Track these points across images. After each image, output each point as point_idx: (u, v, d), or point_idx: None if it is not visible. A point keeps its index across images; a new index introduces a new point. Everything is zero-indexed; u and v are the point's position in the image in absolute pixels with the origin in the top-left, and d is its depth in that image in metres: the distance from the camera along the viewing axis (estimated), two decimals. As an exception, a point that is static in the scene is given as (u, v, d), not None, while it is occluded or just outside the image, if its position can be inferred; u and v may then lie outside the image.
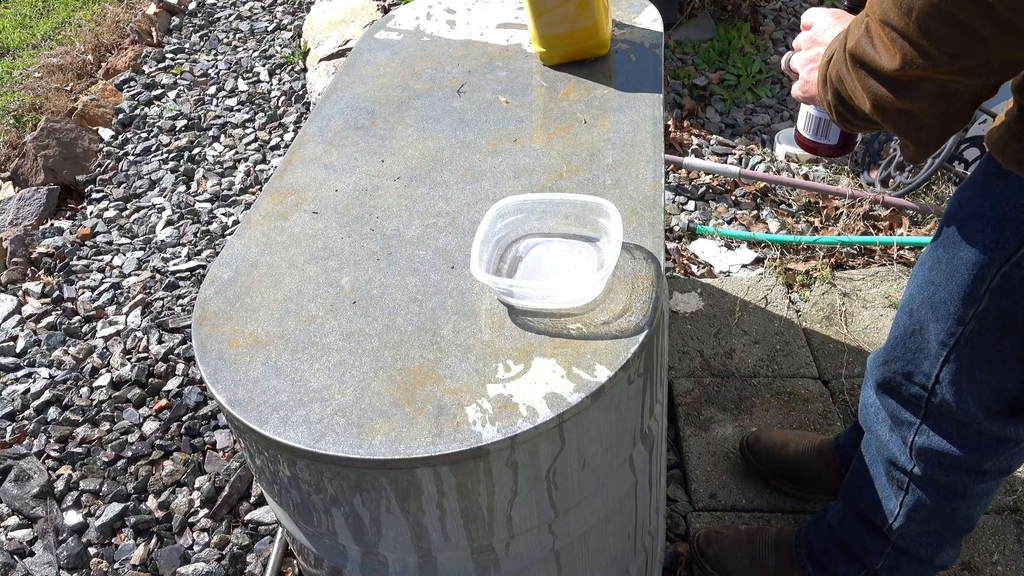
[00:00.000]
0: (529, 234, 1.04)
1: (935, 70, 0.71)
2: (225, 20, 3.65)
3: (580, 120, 1.25)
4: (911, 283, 1.04)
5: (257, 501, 1.66)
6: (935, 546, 1.17)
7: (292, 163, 1.24)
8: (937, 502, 1.10)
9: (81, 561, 1.57)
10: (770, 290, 2.05)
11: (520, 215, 1.03)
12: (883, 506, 1.17)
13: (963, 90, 0.73)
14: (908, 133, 0.79)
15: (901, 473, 1.12)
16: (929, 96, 0.74)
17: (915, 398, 1.06)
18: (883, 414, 1.12)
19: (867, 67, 0.77)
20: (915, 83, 0.74)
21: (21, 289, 2.28)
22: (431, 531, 0.88)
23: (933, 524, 1.14)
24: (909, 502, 1.12)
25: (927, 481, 1.09)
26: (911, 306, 1.03)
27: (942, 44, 0.69)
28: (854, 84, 0.80)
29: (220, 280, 1.04)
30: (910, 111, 0.76)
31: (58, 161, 2.73)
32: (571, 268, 0.99)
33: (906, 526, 1.15)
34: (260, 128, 2.86)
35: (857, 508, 1.22)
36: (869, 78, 0.77)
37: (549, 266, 1.00)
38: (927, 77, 0.73)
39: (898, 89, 0.75)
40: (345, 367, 0.89)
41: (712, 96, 2.75)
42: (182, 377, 1.92)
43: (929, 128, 0.78)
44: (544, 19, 1.32)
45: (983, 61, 0.69)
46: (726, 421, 1.73)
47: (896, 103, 0.76)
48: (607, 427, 0.90)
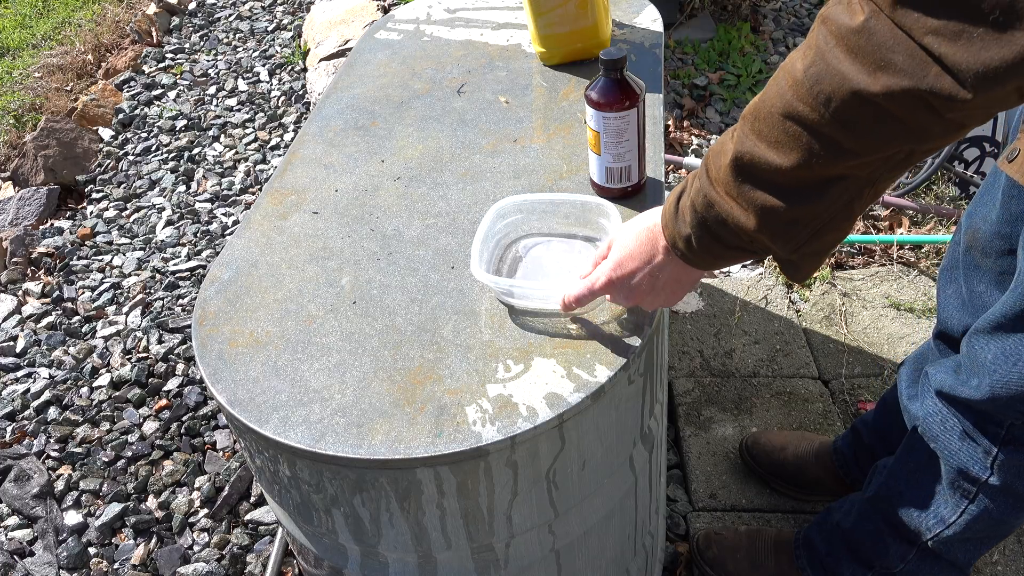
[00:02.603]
0: (529, 234, 1.04)
1: (840, 166, 0.63)
2: (225, 20, 3.65)
3: (580, 120, 1.25)
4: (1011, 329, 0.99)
5: (257, 501, 1.66)
6: (974, 551, 1.16)
7: (292, 163, 1.24)
8: (1004, 512, 1.09)
9: (81, 561, 1.57)
10: (770, 290, 2.05)
11: (520, 215, 1.02)
12: (933, 514, 1.14)
13: (863, 184, 0.66)
14: (799, 247, 0.70)
15: (970, 483, 1.09)
16: (826, 196, 0.66)
17: (1000, 418, 1.04)
18: (952, 423, 1.09)
19: (754, 173, 0.67)
20: (813, 184, 0.65)
21: (21, 289, 2.28)
22: (431, 531, 0.88)
23: (985, 532, 1.13)
24: (973, 512, 1.10)
25: (1002, 491, 1.07)
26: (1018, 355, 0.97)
27: (861, 138, 0.61)
28: (731, 204, 0.70)
29: (220, 280, 1.04)
30: (803, 219, 0.67)
31: (58, 161, 2.73)
32: (571, 268, 0.99)
33: (958, 534, 1.13)
34: (260, 128, 2.86)
35: (887, 514, 1.20)
36: (753, 190, 0.68)
37: (549, 266, 1.00)
38: (828, 176, 0.64)
39: (791, 193, 0.66)
40: (345, 367, 0.89)
41: (712, 96, 2.75)
42: (182, 377, 1.92)
43: (823, 235, 0.69)
44: (544, 19, 1.32)
45: (893, 151, 0.62)
46: (726, 421, 1.73)
47: (787, 212, 0.67)
48: (607, 427, 0.90)
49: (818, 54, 0.61)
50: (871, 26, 0.57)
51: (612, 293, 0.86)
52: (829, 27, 0.60)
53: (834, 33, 0.60)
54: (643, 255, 0.82)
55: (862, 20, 0.58)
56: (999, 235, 1.07)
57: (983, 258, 1.11)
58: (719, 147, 0.71)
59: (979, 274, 1.13)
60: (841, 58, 0.59)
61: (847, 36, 0.59)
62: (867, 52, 0.58)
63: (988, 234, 1.09)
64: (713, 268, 0.80)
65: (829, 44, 0.60)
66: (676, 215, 0.77)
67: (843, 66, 0.59)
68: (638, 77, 1.02)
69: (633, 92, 0.99)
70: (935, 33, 0.55)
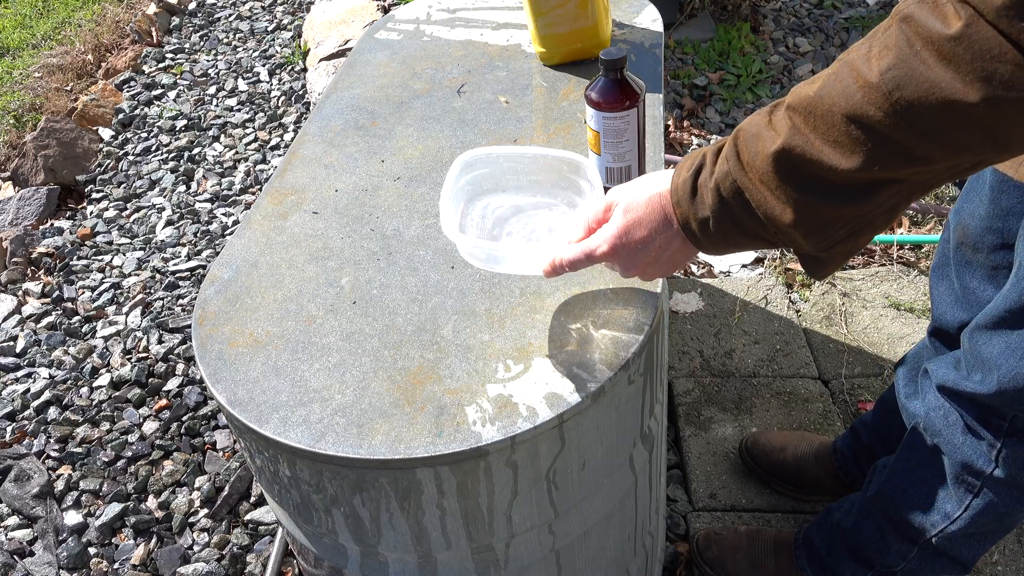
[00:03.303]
0: (499, 191, 0.97)
1: (900, 169, 0.60)
2: (225, 20, 3.65)
3: (580, 120, 1.25)
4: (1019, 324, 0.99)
5: (257, 501, 1.66)
6: (979, 547, 1.16)
7: (292, 163, 1.24)
8: (1009, 505, 1.09)
9: (81, 561, 1.57)
10: (770, 290, 2.05)
11: (486, 168, 0.95)
12: (937, 510, 1.14)
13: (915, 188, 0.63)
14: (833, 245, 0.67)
15: (974, 477, 1.09)
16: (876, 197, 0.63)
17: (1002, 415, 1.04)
18: (954, 417, 1.09)
19: (805, 168, 0.63)
20: (868, 185, 0.62)
21: (21, 289, 2.28)
22: (431, 531, 0.88)
23: (990, 526, 1.13)
24: (978, 505, 1.10)
25: (1007, 484, 1.07)
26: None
27: (940, 147, 0.58)
28: (764, 193, 0.66)
29: (220, 280, 1.04)
30: (843, 218, 0.65)
31: (58, 161, 2.73)
32: (547, 230, 0.94)
33: (962, 529, 1.13)
34: (260, 128, 2.86)
35: (889, 512, 1.20)
36: (799, 184, 0.64)
37: (524, 229, 0.95)
38: (887, 179, 0.62)
39: (839, 192, 0.63)
40: (345, 367, 0.89)
41: (712, 96, 2.75)
42: (182, 377, 1.92)
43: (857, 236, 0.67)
44: (544, 19, 1.32)
45: (971, 164, 0.60)
46: (726, 421, 1.73)
47: (828, 210, 0.64)
48: (607, 427, 0.90)
49: (900, 58, 0.57)
50: (971, 33, 0.54)
51: (613, 261, 0.81)
52: (915, 29, 0.57)
53: (922, 37, 0.56)
54: (654, 223, 0.76)
55: (960, 27, 0.54)
56: (990, 230, 1.07)
57: (974, 254, 1.11)
58: (753, 130, 0.67)
59: (971, 270, 1.13)
60: (932, 65, 0.56)
61: (940, 43, 0.55)
62: (966, 61, 0.54)
63: (978, 229, 1.09)
64: (720, 253, 0.76)
65: (915, 48, 0.57)
66: (693, 195, 0.72)
67: (933, 74, 0.56)
68: (638, 77, 1.02)
69: (633, 92, 0.99)
70: None
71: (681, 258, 0.78)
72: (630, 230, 0.77)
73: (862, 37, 2.80)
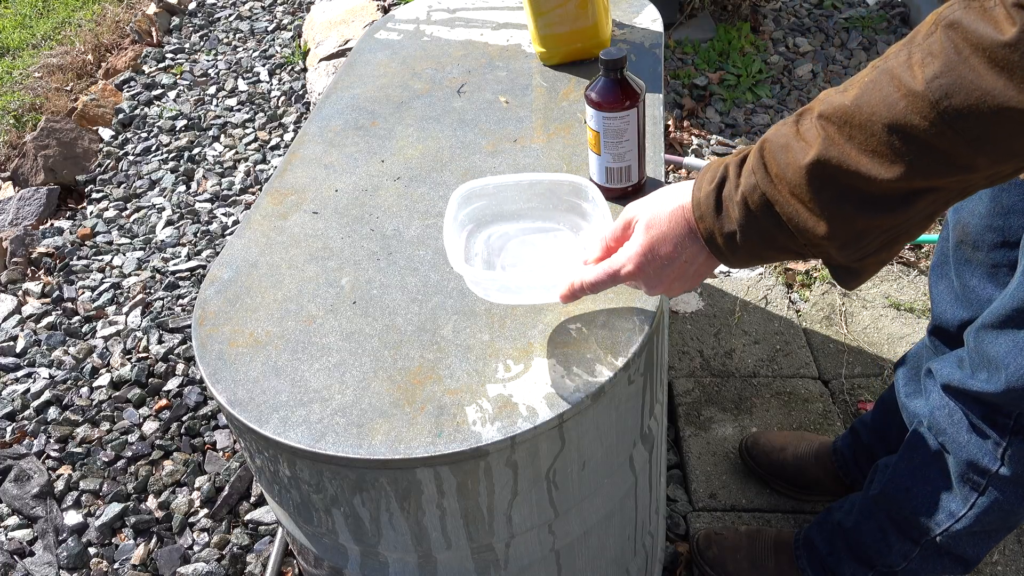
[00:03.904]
0: (500, 220, 0.97)
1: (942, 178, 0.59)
2: (225, 20, 3.65)
3: (580, 120, 1.25)
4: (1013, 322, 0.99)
5: (257, 501, 1.66)
6: (983, 545, 1.16)
7: (292, 163, 1.24)
8: (1014, 503, 1.09)
9: (81, 561, 1.57)
10: (770, 290, 2.05)
11: (485, 199, 0.94)
12: (942, 509, 1.14)
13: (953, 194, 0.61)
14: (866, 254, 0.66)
15: (980, 475, 1.09)
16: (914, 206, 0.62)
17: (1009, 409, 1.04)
18: (959, 416, 1.09)
19: (841, 179, 0.62)
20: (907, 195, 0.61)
21: (21, 289, 2.28)
22: (431, 531, 0.88)
23: (995, 525, 1.12)
24: (983, 504, 1.10)
25: (1012, 482, 1.07)
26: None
27: (987, 155, 0.57)
28: (796, 206, 0.64)
29: (220, 280, 1.04)
30: (884, 227, 0.63)
31: (58, 161, 2.73)
32: (550, 256, 0.94)
33: (967, 528, 1.13)
34: (260, 128, 2.86)
35: (892, 511, 1.20)
36: (835, 195, 0.62)
37: (527, 256, 0.95)
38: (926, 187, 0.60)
39: (877, 202, 0.61)
40: (345, 367, 0.89)
41: (712, 96, 2.75)
42: (182, 377, 1.92)
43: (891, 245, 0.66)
44: (544, 19, 1.33)
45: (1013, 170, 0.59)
46: (726, 421, 1.73)
47: (867, 221, 0.63)
48: (607, 427, 0.90)
49: (948, 65, 0.56)
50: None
51: (639, 280, 0.79)
52: (963, 36, 0.55)
53: (972, 44, 0.55)
54: (679, 239, 0.74)
55: (1016, 33, 0.53)
56: (990, 228, 1.07)
57: (974, 252, 1.11)
58: (782, 141, 0.65)
59: (971, 268, 1.13)
60: (983, 73, 0.55)
61: (993, 49, 0.54)
62: (1022, 67, 0.53)
63: (978, 228, 1.09)
64: (745, 267, 0.74)
65: (963, 55, 0.55)
66: (718, 209, 0.70)
67: (985, 82, 0.54)
68: (638, 77, 1.02)
69: (633, 92, 0.99)
70: None
71: (706, 271, 0.77)
72: (655, 246, 0.75)
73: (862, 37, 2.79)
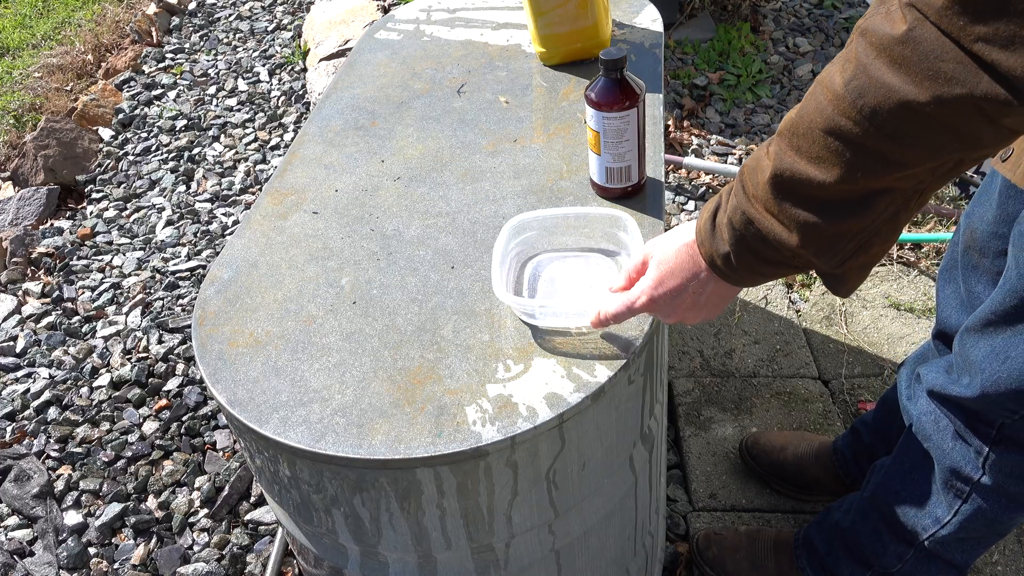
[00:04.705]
0: (544, 250, 1.02)
1: (886, 178, 0.62)
2: (225, 20, 3.65)
3: (580, 120, 1.25)
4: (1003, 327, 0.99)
5: (257, 501, 1.66)
6: (971, 551, 1.16)
7: (292, 163, 1.24)
8: (997, 512, 1.09)
9: (81, 561, 1.57)
10: (770, 290, 2.05)
11: (534, 231, 1.00)
12: (928, 514, 1.14)
13: (909, 195, 0.64)
14: (844, 261, 0.69)
15: (963, 483, 1.09)
16: (872, 209, 0.65)
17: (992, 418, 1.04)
18: (945, 423, 1.09)
19: (795, 190, 0.66)
20: (857, 197, 0.64)
21: (21, 289, 2.28)
22: (431, 531, 0.88)
23: (981, 532, 1.13)
24: (967, 511, 1.10)
25: (994, 491, 1.07)
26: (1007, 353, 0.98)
27: (909, 148, 0.60)
28: (771, 221, 0.68)
29: (220, 280, 1.04)
30: (847, 232, 0.66)
31: (58, 161, 2.73)
32: (591, 285, 0.97)
33: (952, 534, 1.13)
34: (260, 128, 2.86)
35: (884, 513, 1.20)
36: (795, 206, 0.66)
37: (568, 284, 0.98)
38: (872, 188, 0.63)
39: (834, 207, 0.65)
40: (345, 367, 0.89)
41: (712, 96, 2.75)
42: (182, 377, 1.92)
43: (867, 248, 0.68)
44: (544, 19, 1.33)
45: (942, 161, 0.61)
46: (726, 421, 1.73)
47: (830, 227, 0.66)
48: (607, 427, 0.90)
49: (859, 67, 0.60)
50: (916, 35, 0.56)
51: (653, 311, 0.84)
52: (869, 39, 0.59)
53: (875, 45, 0.58)
54: (684, 272, 0.79)
55: (905, 29, 0.56)
56: (996, 235, 1.07)
57: (981, 258, 1.11)
58: (754, 163, 0.70)
59: (977, 274, 1.13)
60: (885, 70, 0.58)
61: (890, 47, 0.57)
62: (913, 62, 0.56)
63: (985, 234, 1.09)
64: (753, 284, 0.77)
65: (870, 56, 0.59)
66: (713, 233, 0.75)
67: (888, 78, 0.58)
68: (638, 77, 1.02)
69: (633, 92, 0.99)
70: (985, 40, 0.53)
71: (718, 299, 0.80)
72: (663, 281, 0.80)
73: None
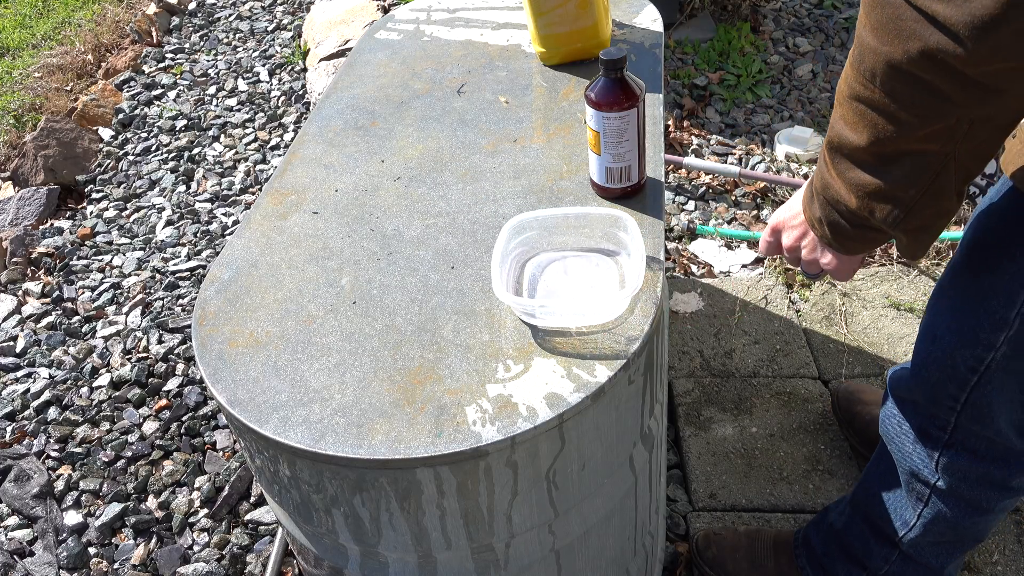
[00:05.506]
0: (544, 250, 1.02)
1: (907, 139, 0.69)
2: (225, 20, 3.65)
3: (580, 120, 1.25)
4: (932, 308, 1.02)
5: (257, 501, 1.66)
6: (946, 555, 1.17)
7: (292, 163, 1.24)
8: (957, 516, 1.09)
9: (81, 561, 1.57)
10: (770, 290, 2.05)
11: (534, 231, 1.00)
12: (898, 516, 1.15)
13: (941, 159, 0.70)
14: (899, 222, 0.76)
15: (923, 486, 1.10)
16: (908, 171, 0.71)
17: (943, 418, 1.04)
18: (906, 427, 1.10)
19: (844, 153, 0.74)
20: (891, 159, 0.71)
21: (21, 289, 2.28)
22: (431, 531, 0.88)
23: (948, 536, 1.13)
24: (928, 514, 1.11)
25: (950, 495, 1.08)
26: (934, 332, 1.01)
27: (909, 107, 0.67)
28: (837, 184, 0.77)
29: (220, 280, 1.04)
30: (894, 195, 0.73)
31: (58, 161, 2.73)
32: (591, 285, 0.97)
33: (921, 537, 1.14)
34: (260, 128, 2.86)
35: (866, 514, 1.21)
36: (848, 169, 0.75)
37: (568, 283, 0.98)
38: (901, 150, 0.70)
39: (876, 170, 0.73)
40: (345, 367, 0.89)
41: (712, 96, 2.75)
42: (182, 377, 1.92)
43: (919, 211, 0.74)
44: (544, 19, 1.33)
45: (952, 122, 0.67)
46: (726, 421, 1.73)
47: (879, 188, 0.73)
48: (607, 427, 0.90)
49: (857, 36, 0.69)
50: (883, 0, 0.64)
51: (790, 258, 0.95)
52: (862, 10, 0.67)
53: (863, 13, 0.67)
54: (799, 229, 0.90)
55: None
56: None
57: None
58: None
59: None
60: (868, 34, 0.66)
61: (869, 13, 0.65)
62: (884, 24, 0.64)
63: None
64: (852, 251, 0.84)
65: (861, 24, 0.67)
66: (812, 199, 0.84)
67: (872, 41, 0.66)
68: (638, 77, 1.02)
69: (633, 92, 0.99)
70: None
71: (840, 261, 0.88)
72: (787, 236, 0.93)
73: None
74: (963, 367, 0.98)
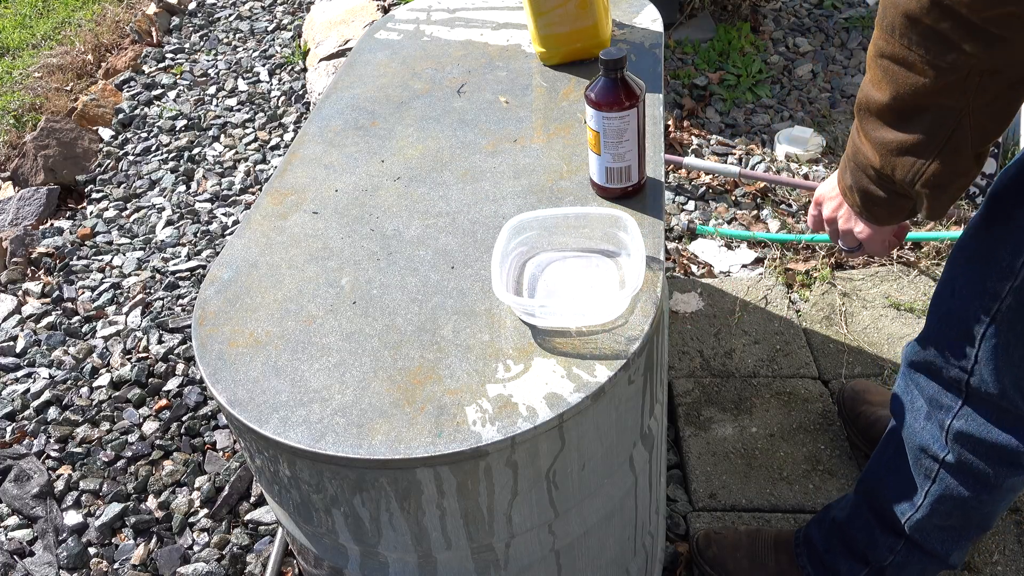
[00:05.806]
0: (544, 250, 1.02)
1: (925, 93, 0.73)
2: (225, 20, 3.65)
3: (580, 120, 1.25)
4: (951, 263, 1.04)
5: (257, 501, 1.66)
6: (952, 542, 1.17)
7: (292, 163, 1.24)
8: (965, 493, 1.10)
9: (81, 561, 1.57)
10: (770, 290, 2.05)
11: (534, 231, 1.00)
12: (905, 497, 1.16)
13: (956, 115, 0.74)
14: (918, 178, 0.79)
15: (931, 461, 1.11)
16: (927, 126, 0.76)
17: (955, 380, 1.05)
18: (919, 402, 1.11)
19: (871, 112, 0.79)
20: (910, 114, 0.76)
21: (21, 289, 2.28)
22: (431, 531, 0.88)
23: (955, 518, 1.14)
24: (936, 492, 1.12)
25: (959, 469, 1.08)
26: (953, 285, 1.03)
27: (923, 57, 0.71)
28: (865, 146, 0.82)
29: (220, 280, 1.04)
30: (913, 149, 0.78)
31: (58, 161, 2.73)
32: (591, 285, 0.97)
33: (927, 518, 1.14)
34: (260, 128, 2.86)
35: (872, 502, 1.22)
36: (874, 128, 0.80)
37: (568, 283, 0.98)
38: (920, 104, 0.75)
39: (898, 125, 0.77)
40: (345, 367, 0.89)
41: (712, 96, 2.75)
42: (182, 377, 1.92)
43: (937, 168, 0.78)
44: (544, 19, 1.33)
45: (965, 73, 0.71)
46: (726, 421, 1.73)
47: (900, 144, 0.78)
48: (607, 427, 0.90)
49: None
50: None
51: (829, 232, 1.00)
52: None
53: None
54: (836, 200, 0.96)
55: None
56: None
57: None
58: None
59: None
60: None
61: None
62: None
63: None
64: (880, 219, 0.89)
65: None
66: (844, 168, 0.89)
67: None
68: (638, 77, 1.02)
69: (633, 92, 0.99)
70: None
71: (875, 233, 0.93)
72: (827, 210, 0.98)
73: (862, 37, 2.80)
74: (973, 318, 0.99)
